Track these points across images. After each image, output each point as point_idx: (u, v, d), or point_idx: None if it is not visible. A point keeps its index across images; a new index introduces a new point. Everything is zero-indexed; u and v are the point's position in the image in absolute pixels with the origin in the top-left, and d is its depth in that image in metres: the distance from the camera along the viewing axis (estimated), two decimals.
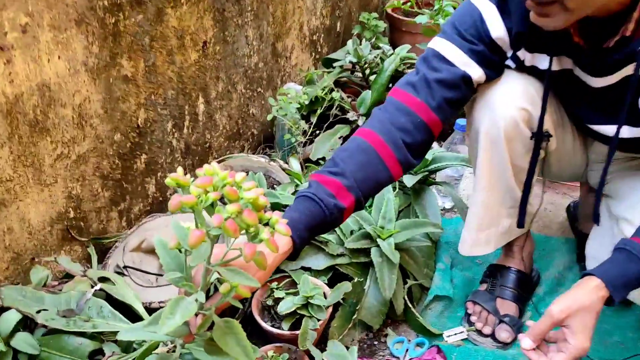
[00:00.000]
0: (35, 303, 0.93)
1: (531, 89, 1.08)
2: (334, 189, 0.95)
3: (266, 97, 1.85)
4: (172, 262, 0.73)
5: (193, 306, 0.66)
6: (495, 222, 1.19)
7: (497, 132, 1.08)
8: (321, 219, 0.93)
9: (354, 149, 1.01)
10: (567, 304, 0.91)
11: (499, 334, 1.23)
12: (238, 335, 0.72)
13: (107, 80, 1.23)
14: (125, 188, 1.36)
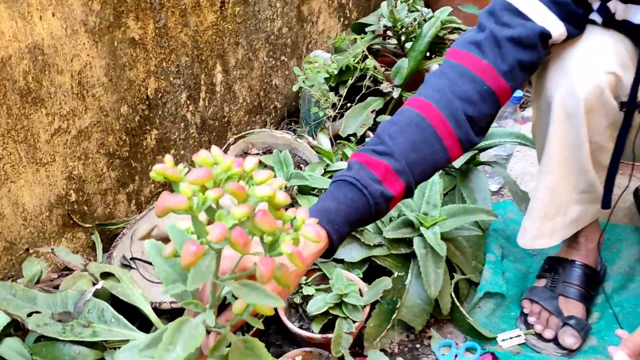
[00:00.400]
0: (27, 303, 0.79)
1: (621, 48, 0.89)
2: (381, 173, 0.77)
3: (290, 66, 1.67)
4: (171, 271, 0.57)
5: (199, 332, 0.50)
6: (563, 210, 1.01)
7: (576, 102, 0.89)
8: (365, 209, 0.76)
9: (406, 123, 0.82)
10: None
11: (564, 338, 1.06)
12: (260, 357, 0.57)
13: (111, 44, 1.07)
14: (134, 167, 1.21)
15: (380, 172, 0.77)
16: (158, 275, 0.56)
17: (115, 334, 0.78)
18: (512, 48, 0.84)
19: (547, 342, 1.07)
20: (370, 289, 1.03)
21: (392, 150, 0.79)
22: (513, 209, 1.42)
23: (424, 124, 0.82)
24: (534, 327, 1.09)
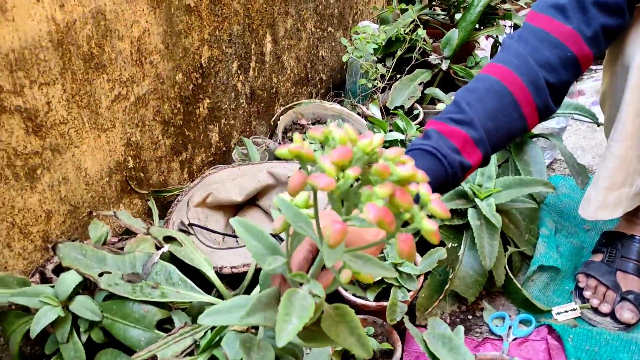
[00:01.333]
0: (97, 264, 0.81)
1: None
2: (460, 143, 0.76)
3: (337, 37, 1.66)
4: (260, 245, 0.56)
5: (309, 302, 0.50)
6: (630, 181, 0.98)
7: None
8: (442, 178, 0.75)
9: (485, 90, 0.80)
10: None
11: (621, 313, 1.04)
12: (352, 323, 0.57)
13: (168, 10, 1.07)
14: (187, 136, 1.22)
15: (459, 142, 0.76)
16: (215, 241, 0.56)
17: (183, 296, 0.80)
18: (598, 12, 0.81)
19: (604, 316, 1.06)
20: (424, 259, 1.03)
21: (471, 118, 0.77)
22: (565, 183, 1.39)
23: (504, 91, 0.80)
24: (590, 301, 1.08)
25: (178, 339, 0.76)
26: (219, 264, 0.91)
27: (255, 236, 0.58)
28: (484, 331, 1.07)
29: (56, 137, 0.93)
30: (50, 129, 0.91)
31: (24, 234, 0.92)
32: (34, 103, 0.87)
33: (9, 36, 0.81)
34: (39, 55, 0.86)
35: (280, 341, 0.46)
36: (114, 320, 0.80)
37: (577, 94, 1.51)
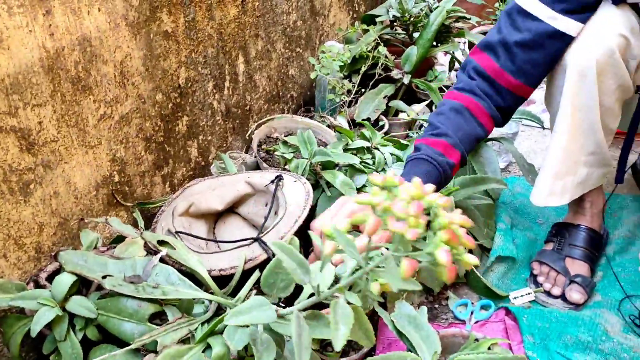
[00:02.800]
0: (99, 268, 0.89)
1: (631, 17, 0.98)
2: (442, 148, 1.00)
3: (305, 57, 1.77)
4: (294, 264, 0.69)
5: (348, 311, 0.63)
6: (573, 170, 1.10)
7: (589, 62, 0.98)
8: (436, 177, 0.98)
9: (448, 110, 1.05)
10: None
11: (570, 294, 1.15)
12: (362, 320, 0.72)
13: (148, 36, 1.16)
14: (168, 151, 1.31)
15: (442, 147, 1.00)
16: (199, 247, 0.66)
17: (182, 294, 0.88)
18: (521, 51, 1.00)
19: (556, 298, 1.17)
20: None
21: (445, 131, 1.01)
22: (520, 184, 1.51)
23: (462, 108, 1.04)
24: (543, 286, 1.19)
25: (175, 328, 0.84)
26: (207, 267, 0.99)
27: (291, 256, 0.68)
28: (449, 317, 1.17)
29: (47, 154, 1.01)
30: (42, 146, 0.99)
31: (19, 245, 0.99)
32: (27, 123, 0.95)
33: (4, 63, 0.89)
34: (31, 80, 0.94)
35: (337, 346, 0.59)
36: (108, 316, 0.87)
37: (528, 103, 1.65)
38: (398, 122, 1.61)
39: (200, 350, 0.84)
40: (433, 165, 0.99)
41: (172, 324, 0.86)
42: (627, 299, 1.15)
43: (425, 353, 0.84)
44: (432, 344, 0.85)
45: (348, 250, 0.61)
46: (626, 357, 0.98)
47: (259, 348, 0.81)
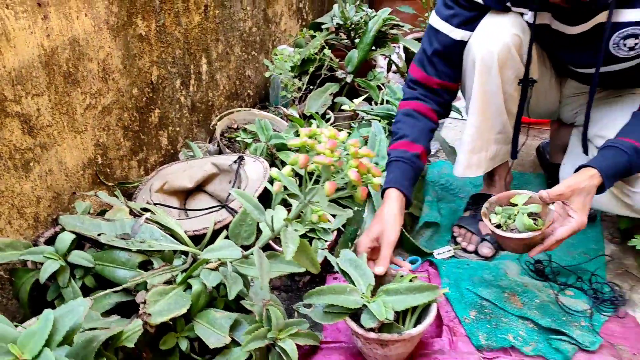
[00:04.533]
0: (94, 228, 1.07)
1: (520, 20, 1.25)
2: (405, 146, 1.28)
3: (260, 59, 1.99)
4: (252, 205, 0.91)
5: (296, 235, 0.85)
6: (486, 147, 1.36)
7: (491, 56, 1.24)
8: (410, 169, 1.26)
9: (402, 117, 1.34)
10: (572, 184, 1.09)
11: (481, 249, 1.42)
12: (307, 251, 0.96)
13: (125, 38, 1.36)
14: (143, 139, 1.50)
15: (405, 146, 1.29)
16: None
17: (165, 246, 1.08)
18: (438, 59, 1.32)
19: (470, 253, 1.43)
20: (336, 218, 1.36)
21: (403, 133, 1.31)
22: (446, 166, 1.78)
23: (412, 112, 1.34)
24: (461, 244, 1.44)
25: (161, 273, 1.04)
26: (183, 229, 1.19)
27: (249, 201, 0.90)
28: None
29: (44, 137, 1.19)
30: (40, 130, 1.17)
31: (21, 214, 1.17)
32: (28, 109, 1.14)
33: (12, 59, 1.08)
34: (32, 73, 1.13)
35: (287, 256, 0.82)
36: (104, 265, 1.06)
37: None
38: (342, 115, 1.85)
39: (182, 289, 1.05)
40: (403, 162, 1.27)
41: (158, 269, 1.06)
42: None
43: (362, 285, 1.07)
44: (368, 278, 1.09)
45: (290, 186, 0.83)
46: (518, 290, 1.24)
47: (229, 282, 1.03)
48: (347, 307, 1.02)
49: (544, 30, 1.24)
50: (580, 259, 1.39)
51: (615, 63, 1.22)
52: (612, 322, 1.20)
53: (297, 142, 0.85)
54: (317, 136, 0.87)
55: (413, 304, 1.04)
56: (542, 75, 1.38)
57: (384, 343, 1.03)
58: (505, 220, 1.15)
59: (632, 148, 1.13)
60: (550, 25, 1.23)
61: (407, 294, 1.05)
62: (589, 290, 1.27)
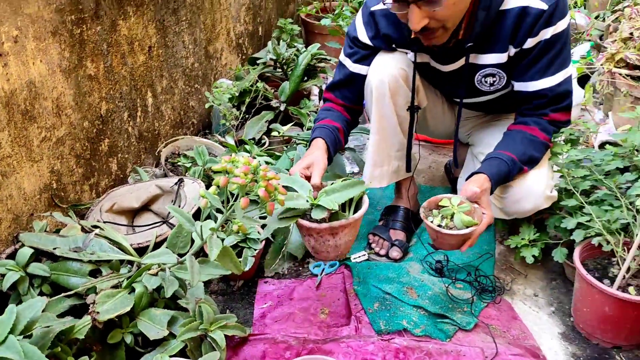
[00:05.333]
0: (50, 243, 1.26)
1: (405, 57, 1.51)
2: (327, 122, 1.54)
3: (202, 91, 2.21)
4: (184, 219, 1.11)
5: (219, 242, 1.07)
6: (387, 162, 1.62)
7: (384, 87, 1.50)
8: (331, 134, 1.50)
9: (322, 111, 1.60)
10: (480, 186, 1.31)
11: (391, 253, 1.66)
12: (232, 256, 1.15)
13: (76, 78, 1.56)
14: (94, 166, 1.69)
15: (327, 122, 1.53)
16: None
17: (112, 256, 1.27)
18: (342, 87, 1.57)
19: (381, 257, 1.67)
20: (265, 229, 1.58)
21: (324, 116, 1.56)
22: None
23: (329, 107, 1.60)
24: (374, 249, 1.69)
25: (109, 279, 1.23)
26: (129, 242, 1.39)
27: (182, 215, 1.11)
28: (308, 274, 1.63)
29: (4, 166, 1.37)
30: (1, 160, 1.36)
31: None
32: None
33: None
34: None
35: (212, 257, 1.01)
36: (59, 274, 1.25)
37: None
38: (277, 139, 2.08)
39: (127, 292, 1.24)
40: (324, 128, 1.51)
41: (106, 276, 1.26)
42: (429, 255, 1.67)
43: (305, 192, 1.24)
44: (307, 187, 1.27)
45: (214, 202, 1.06)
46: (416, 284, 1.48)
47: (167, 284, 1.23)
48: (299, 209, 1.22)
49: (425, 67, 1.52)
50: (473, 258, 1.65)
51: (483, 95, 1.50)
52: (490, 307, 1.45)
53: (219, 167, 1.07)
54: (235, 162, 1.09)
55: (350, 196, 1.27)
56: (434, 102, 1.65)
57: (334, 231, 1.25)
58: (446, 221, 1.33)
59: (510, 159, 1.40)
60: (429, 63, 1.50)
61: (343, 190, 1.27)
62: (474, 283, 1.53)
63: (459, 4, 1.26)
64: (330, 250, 1.30)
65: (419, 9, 1.23)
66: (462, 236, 1.28)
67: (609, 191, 1.50)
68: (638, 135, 1.56)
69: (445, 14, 1.24)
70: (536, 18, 1.31)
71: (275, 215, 1.26)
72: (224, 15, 2.29)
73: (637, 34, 2.07)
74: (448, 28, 1.29)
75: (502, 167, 1.37)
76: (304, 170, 1.38)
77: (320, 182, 1.35)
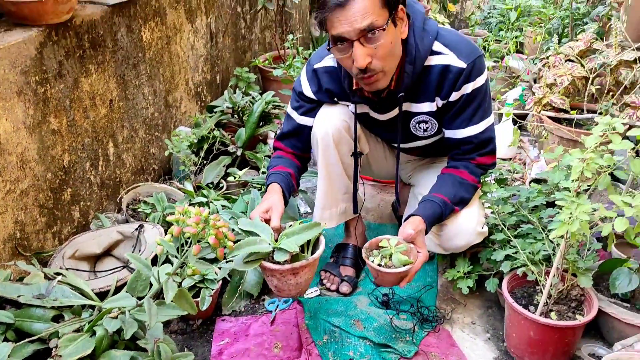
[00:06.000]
0: (14, 291, 1.34)
1: (346, 109, 1.67)
2: (280, 169, 1.67)
3: (162, 139, 2.32)
4: (142, 265, 1.21)
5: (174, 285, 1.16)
6: (335, 205, 1.75)
7: (328, 138, 1.65)
8: (285, 179, 1.63)
9: (273, 159, 1.74)
10: (415, 228, 1.45)
11: (341, 288, 1.78)
12: (187, 298, 1.23)
13: (40, 134, 1.66)
14: (57, 215, 1.78)
15: (279, 168, 1.66)
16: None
17: (74, 302, 1.35)
18: (290, 136, 1.71)
19: (332, 291, 1.79)
20: (221, 270, 1.68)
21: (277, 163, 1.69)
22: None
23: (280, 155, 1.70)
24: (325, 285, 1.81)
25: (71, 324, 1.31)
26: (90, 287, 1.48)
27: (140, 261, 1.21)
28: (264, 311, 1.73)
29: None
30: None
31: None
32: None
33: None
34: None
35: (167, 300, 1.10)
36: (23, 321, 1.32)
37: None
38: (234, 183, 2.20)
39: (89, 336, 1.33)
40: (278, 174, 1.63)
41: (68, 321, 1.34)
42: (377, 289, 1.79)
43: (267, 236, 1.36)
44: (268, 231, 1.39)
45: (169, 249, 1.17)
46: (362, 317, 1.60)
47: (127, 326, 1.32)
48: (262, 252, 1.34)
49: (365, 117, 1.68)
50: (417, 290, 1.78)
51: (419, 140, 1.66)
52: (430, 336, 1.58)
53: (172, 218, 1.19)
54: (187, 213, 1.21)
55: (308, 238, 1.40)
56: (376, 148, 1.81)
57: (296, 271, 1.36)
58: (385, 260, 1.46)
59: (442, 202, 1.55)
60: (369, 113, 1.66)
61: (302, 233, 1.40)
62: (416, 313, 1.66)
63: (395, 47, 1.42)
64: (292, 288, 1.42)
65: (362, 46, 1.37)
66: (399, 274, 1.41)
67: (533, 225, 1.67)
68: (558, 174, 1.74)
69: (384, 52, 1.39)
70: (457, 75, 1.49)
71: (240, 260, 1.38)
72: (182, 67, 2.42)
73: (560, 80, 2.29)
74: (386, 72, 1.44)
75: (436, 209, 1.52)
76: (263, 214, 1.49)
77: (279, 224, 1.47)
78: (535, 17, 3.44)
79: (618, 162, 1.23)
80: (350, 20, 1.34)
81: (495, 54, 3.16)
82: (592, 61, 2.34)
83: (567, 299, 1.53)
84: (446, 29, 1.55)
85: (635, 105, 2.22)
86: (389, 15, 1.37)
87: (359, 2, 1.34)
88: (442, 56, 1.50)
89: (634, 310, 1.53)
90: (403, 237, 1.46)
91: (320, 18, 1.40)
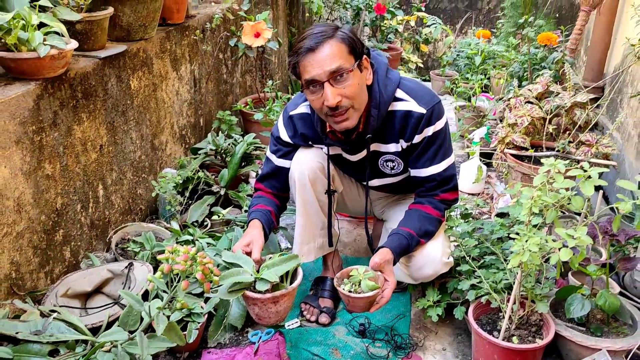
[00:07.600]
0: (12, 328, 1.43)
1: (320, 151, 1.82)
2: (260, 207, 1.77)
3: (149, 180, 2.44)
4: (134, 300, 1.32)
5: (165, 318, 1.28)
6: (312, 240, 1.88)
7: (304, 178, 1.79)
8: (265, 216, 1.75)
9: (254, 199, 1.86)
10: (381, 258, 1.59)
11: (321, 319, 1.89)
12: (176, 330, 1.34)
13: (36, 179, 1.77)
14: (49, 255, 1.87)
15: (260, 206, 1.78)
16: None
17: (69, 337, 1.44)
18: (270, 177, 1.85)
19: (312, 322, 1.90)
20: (207, 304, 1.78)
21: (258, 202, 1.83)
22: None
23: (261, 194, 1.82)
24: (305, 316, 1.92)
25: (66, 357, 1.41)
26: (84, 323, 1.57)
27: (132, 297, 1.31)
28: (248, 342, 1.83)
29: None
30: None
31: None
32: None
33: None
34: None
35: (158, 332, 1.21)
36: (21, 356, 1.41)
37: None
38: (218, 221, 2.32)
39: None
40: (259, 212, 1.76)
41: (64, 355, 1.43)
42: (354, 320, 1.91)
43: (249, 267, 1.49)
44: (250, 262, 1.51)
45: (160, 286, 1.28)
46: (340, 345, 1.72)
47: (119, 358, 1.41)
48: (245, 282, 1.46)
49: (337, 158, 1.83)
50: (391, 319, 1.90)
51: (386, 177, 1.82)
52: None
53: (163, 257, 1.31)
54: (176, 252, 1.33)
55: (287, 268, 1.53)
56: (349, 186, 1.96)
57: (276, 299, 1.48)
58: (354, 287, 1.59)
59: (409, 234, 1.69)
60: (341, 154, 1.81)
61: (281, 264, 1.54)
62: (390, 341, 1.77)
63: (361, 90, 1.59)
64: (272, 316, 1.54)
65: (332, 87, 1.54)
66: (368, 298, 1.54)
67: (496, 256, 1.81)
68: (517, 209, 1.90)
69: (352, 92, 1.55)
70: (418, 120, 1.65)
71: (224, 289, 1.49)
72: (167, 112, 2.56)
73: (520, 121, 2.48)
74: (356, 109, 1.60)
75: (403, 241, 1.66)
76: (245, 247, 1.61)
77: (260, 256, 1.60)
78: (499, 60, 3.68)
79: (561, 199, 1.39)
80: (320, 63, 1.52)
81: (463, 95, 3.37)
82: (549, 103, 2.54)
83: (528, 324, 1.66)
84: (408, 78, 1.73)
85: (590, 143, 2.41)
86: (354, 61, 1.55)
87: (328, 48, 1.52)
88: (404, 102, 1.66)
89: (588, 334, 1.66)
90: (370, 265, 1.59)
91: (293, 62, 1.57)
